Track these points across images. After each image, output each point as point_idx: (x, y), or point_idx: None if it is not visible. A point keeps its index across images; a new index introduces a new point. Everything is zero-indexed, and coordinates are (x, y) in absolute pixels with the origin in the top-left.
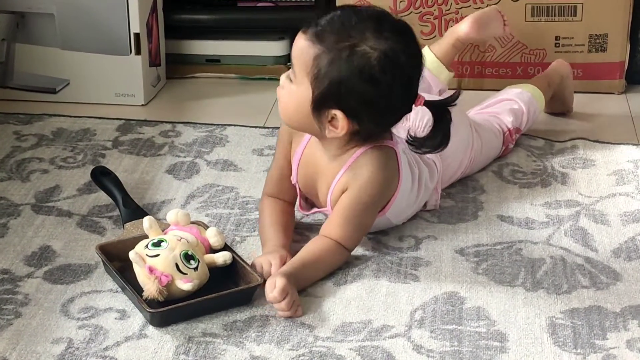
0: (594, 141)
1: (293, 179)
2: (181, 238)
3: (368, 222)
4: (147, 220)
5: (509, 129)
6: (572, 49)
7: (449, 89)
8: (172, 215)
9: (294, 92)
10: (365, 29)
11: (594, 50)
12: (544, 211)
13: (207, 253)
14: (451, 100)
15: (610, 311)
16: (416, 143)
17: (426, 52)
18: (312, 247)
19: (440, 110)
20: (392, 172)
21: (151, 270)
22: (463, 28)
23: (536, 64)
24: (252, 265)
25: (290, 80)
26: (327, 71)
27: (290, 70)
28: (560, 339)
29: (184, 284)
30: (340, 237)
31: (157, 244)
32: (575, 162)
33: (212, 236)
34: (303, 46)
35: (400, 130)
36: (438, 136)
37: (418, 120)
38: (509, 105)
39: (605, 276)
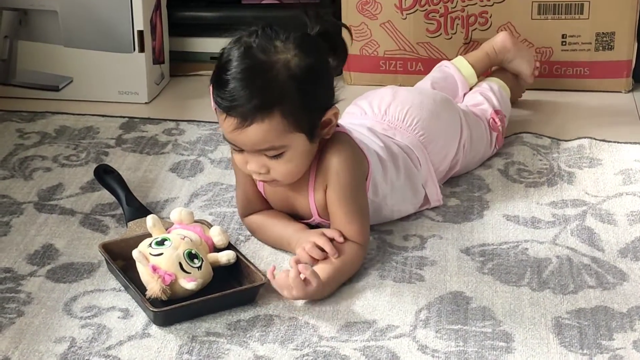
0: (601, 140)
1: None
2: (185, 237)
3: (364, 202)
4: (150, 219)
5: (492, 112)
6: (579, 47)
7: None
8: (175, 213)
9: (295, 155)
10: (261, 51)
11: (600, 48)
12: (550, 211)
13: (210, 252)
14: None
15: (617, 311)
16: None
17: (460, 60)
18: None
19: (329, 36)
20: (353, 147)
21: (155, 269)
22: (499, 37)
23: (542, 62)
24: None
25: (277, 157)
26: (296, 105)
27: (255, 154)
28: (566, 339)
29: (188, 283)
30: (351, 233)
31: (161, 243)
32: (581, 161)
33: (216, 235)
34: (259, 131)
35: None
36: (344, 55)
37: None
38: (477, 96)
39: (611, 276)
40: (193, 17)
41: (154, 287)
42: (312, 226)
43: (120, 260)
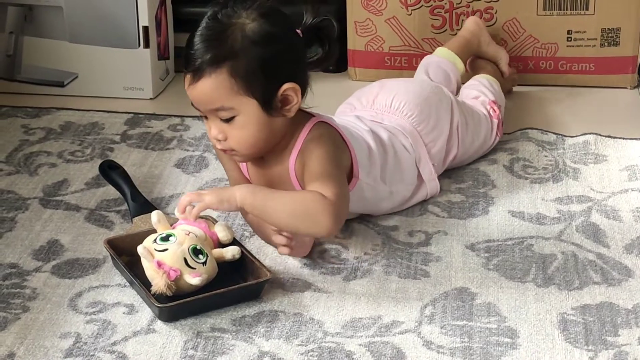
0: (606, 136)
1: None
2: (189, 232)
3: (338, 173)
4: (155, 215)
5: (489, 102)
6: (585, 43)
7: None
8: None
9: (247, 122)
10: (228, 17)
11: (606, 44)
12: (555, 207)
13: (215, 248)
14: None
15: (622, 307)
16: (317, 66)
17: (440, 49)
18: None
19: (320, 32)
20: (332, 134)
21: (159, 264)
22: (469, 20)
23: (548, 58)
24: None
25: (228, 120)
26: (247, 67)
27: (212, 117)
28: (571, 335)
29: (193, 279)
30: (316, 188)
31: (166, 239)
32: (587, 157)
33: (221, 231)
34: (207, 85)
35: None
36: (331, 52)
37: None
38: (472, 90)
39: (617, 272)
40: (198, 13)
41: (159, 282)
42: None
43: (125, 255)
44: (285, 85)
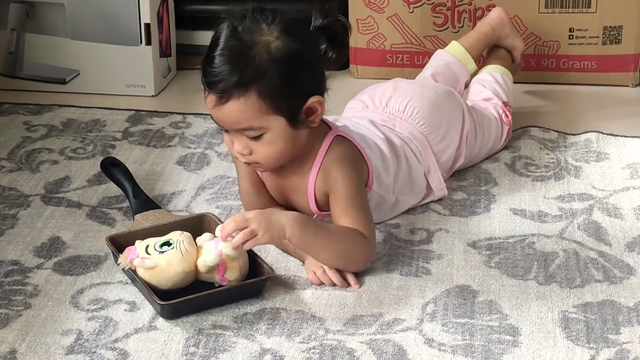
0: (608, 134)
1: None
2: (183, 233)
3: (365, 202)
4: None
5: (502, 105)
6: (586, 40)
7: None
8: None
9: (275, 138)
10: (246, 32)
11: (608, 42)
12: (557, 204)
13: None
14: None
15: (624, 305)
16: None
17: (453, 44)
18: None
19: (330, 30)
20: (353, 154)
21: (129, 248)
22: (494, 12)
23: (550, 56)
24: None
25: (256, 138)
26: (274, 87)
27: (236, 136)
28: (573, 333)
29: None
30: (352, 224)
31: (165, 244)
32: (588, 155)
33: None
34: (235, 108)
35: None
36: (343, 52)
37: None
38: (485, 89)
39: (618, 270)
40: (200, 10)
41: (121, 257)
42: None
43: None
44: (312, 99)
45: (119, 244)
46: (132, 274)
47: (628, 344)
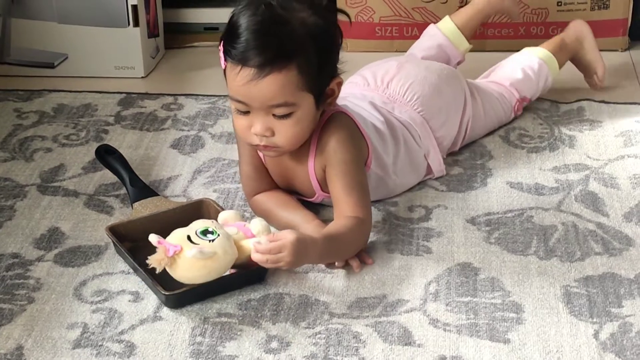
0: (600, 102)
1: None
2: (213, 221)
3: (362, 179)
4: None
5: (517, 100)
6: (575, 7)
7: None
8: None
9: (302, 117)
10: (284, 9)
11: (596, 7)
12: (553, 176)
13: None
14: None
15: (625, 278)
16: None
17: (446, 21)
18: (332, 226)
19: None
20: (352, 128)
21: (160, 242)
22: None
23: (538, 23)
24: None
25: (283, 116)
26: (311, 63)
27: (262, 112)
28: (575, 308)
29: (189, 251)
30: (350, 205)
31: (205, 233)
32: (582, 124)
33: (254, 227)
34: (276, 81)
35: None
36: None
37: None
38: (517, 74)
39: (617, 242)
40: None
41: (155, 255)
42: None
43: (128, 242)
44: (335, 80)
45: (119, 233)
46: (133, 264)
47: (631, 317)
